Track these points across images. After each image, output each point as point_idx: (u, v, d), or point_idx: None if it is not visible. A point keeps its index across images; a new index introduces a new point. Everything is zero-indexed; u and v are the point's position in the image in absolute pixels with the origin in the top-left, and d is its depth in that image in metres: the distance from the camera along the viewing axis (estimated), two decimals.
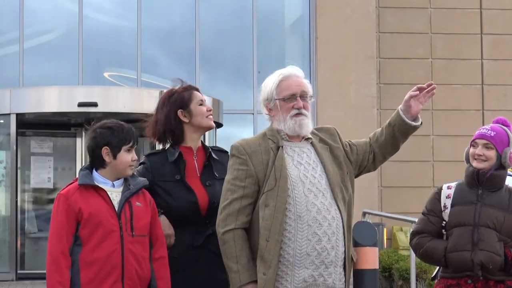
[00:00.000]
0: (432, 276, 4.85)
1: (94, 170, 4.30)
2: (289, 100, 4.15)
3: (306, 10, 15.00)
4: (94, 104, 12.10)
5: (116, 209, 4.24)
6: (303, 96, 4.16)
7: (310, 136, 4.20)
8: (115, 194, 4.27)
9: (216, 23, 14.97)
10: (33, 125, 13.11)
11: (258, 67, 14.67)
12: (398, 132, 4.25)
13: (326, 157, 4.18)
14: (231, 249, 4.08)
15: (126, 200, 4.27)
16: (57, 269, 4.10)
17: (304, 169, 4.11)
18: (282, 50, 15.38)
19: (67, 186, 4.29)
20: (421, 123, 4.26)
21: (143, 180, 4.37)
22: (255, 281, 4.04)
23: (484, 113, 15.55)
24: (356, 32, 14.63)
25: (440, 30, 15.86)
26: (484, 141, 4.65)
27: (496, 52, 15.94)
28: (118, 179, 4.30)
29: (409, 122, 4.20)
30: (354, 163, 4.28)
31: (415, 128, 4.23)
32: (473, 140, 4.71)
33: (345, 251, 4.09)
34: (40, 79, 14.25)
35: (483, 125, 4.88)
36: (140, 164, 4.62)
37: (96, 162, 4.29)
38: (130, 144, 4.30)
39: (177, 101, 4.59)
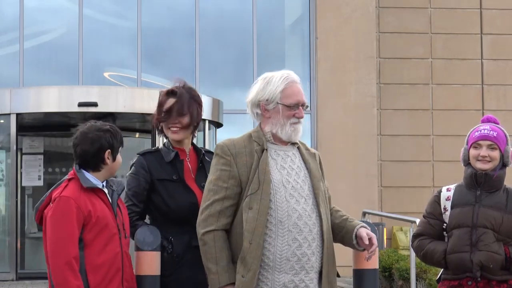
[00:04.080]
0: (437, 278, 4.86)
1: (84, 171, 4.21)
2: (293, 108, 4.13)
3: (306, 10, 15.00)
4: (94, 104, 12.10)
5: (114, 211, 4.22)
6: (303, 105, 4.17)
7: (296, 141, 4.19)
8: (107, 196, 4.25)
9: (216, 23, 14.97)
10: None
11: (258, 67, 14.67)
12: (342, 238, 4.20)
13: (313, 164, 4.17)
14: (211, 250, 4.04)
15: (115, 202, 4.26)
16: (75, 275, 4.01)
17: (287, 174, 4.08)
18: (282, 50, 15.37)
19: (64, 188, 4.16)
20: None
21: (121, 181, 4.35)
22: (234, 283, 4.01)
23: (484, 113, 15.54)
24: (356, 32, 14.63)
25: (440, 30, 15.87)
26: (489, 142, 4.62)
27: (496, 52, 15.94)
28: (104, 180, 4.27)
29: (357, 247, 4.16)
30: None
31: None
32: (475, 142, 4.67)
33: (322, 257, 4.06)
34: (40, 79, 14.25)
35: None
36: (133, 164, 4.58)
37: (91, 164, 4.21)
38: (122, 146, 4.30)
39: (157, 105, 4.60)
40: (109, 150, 4.20)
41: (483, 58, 15.95)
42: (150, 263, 4.33)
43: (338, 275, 4.26)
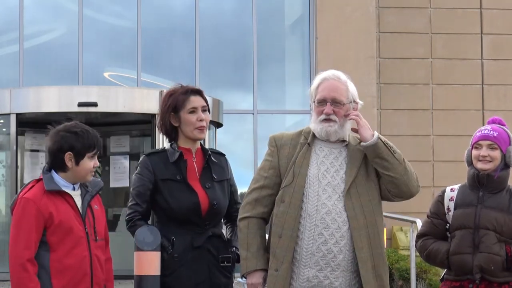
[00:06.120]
0: (440, 278, 4.86)
1: (53, 172, 4.17)
2: (320, 104, 4.14)
3: (306, 9, 14.99)
4: (94, 104, 12.09)
5: (81, 214, 4.17)
6: (335, 102, 4.13)
7: (346, 139, 4.17)
8: (77, 198, 4.19)
9: (216, 23, 14.96)
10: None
11: (258, 67, 14.66)
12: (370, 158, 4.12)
13: (356, 159, 4.12)
14: (243, 236, 4.12)
15: (88, 204, 4.21)
16: (30, 277, 3.98)
17: (325, 169, 4.08)
18: (282, 50, 15.36)
19: (28, 189, 4.13)
20: (374, 141, 4.06)
21: (98, 182, 4.31)
22: (262, 270, 4.04)
23: (484, 113, 15.54)
24: (356, 32, 14.62)
25: (440, 30, 15.85)
26: (489, 142, 4.63)
27: (496, 52, 15.93)
28: (75, 183, 4.22)
29: (363, 145, 4.09)
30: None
31: (368, 148, 4.06)
32: (475, 142, 4.67)
33: (354, 257, 4.00)
34: (40, 79, 14.25)
35: (483, 125, 4.85)
36: (139, 164, 4.59)
37: (57, 165, 4.16)
38: (94, 151, 4.18)
39: (172, 104, 4.55)
40: (69, 153, 4.12)
41: (483, 58, 15.93)
42: (150, 263, 4.32)
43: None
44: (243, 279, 4.16)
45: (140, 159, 4.62)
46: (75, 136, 4.13)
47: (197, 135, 4.57)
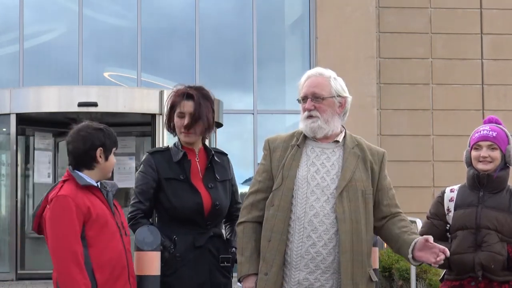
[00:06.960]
0: (440, 278, 4.86)
1: (77, 172, 4.20)
2: (304, 101, 4.13)
3: (306, 9, 14.99)
4: (94, 104, 12.10)
5: (111, 209, 4.22)
6: (315, 97, 4.10)
7: (338, 139, 4.14)
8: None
9: (216, 23, 14.96)
10: None
11: (258, 67, 14.66)
12: (398, 250, 4.11)
13: (351, 163, 4.07)
14: (239, 241, 4.11)
15: (112, 201, 4.26)
16: (81, 270, 4.00)
17: (315, 170, 4.04)
18: (282, 49, 15.36)
19: (60, 188, 4.15)
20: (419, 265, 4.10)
21: (114, 183, 4.35)
22: (255, 274, 4.03)
23: (484, 113, 15.53)
24: (356, 32, 14.62)
25: (440, 30, 15.85)
26: (488, 143, 4.62)
27: (496, 52, 15.93)
28: (98, 181, 4.26)
29: (410, 259, 4.00)
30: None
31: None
32: (475, 143, 4.67)
33: (339, 260, 3.94)
34: (40, 79, 14.25)
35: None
36: (142, 162, 4.61)
37: (84, 163, 4.20)
38: (116, 147, 4.28)
39: (169, 104, 4.62)
40: (101, 148, 4.19)
41: (483, 58, 15.93)
42: (150, 263, 4.32)
43: (371, 279, 4.10)
44: (239, 284, 4.16)
45: (144, 157, 4.63)
46: (102, 133, 4.22)
47: (182, 138, 4.60)
